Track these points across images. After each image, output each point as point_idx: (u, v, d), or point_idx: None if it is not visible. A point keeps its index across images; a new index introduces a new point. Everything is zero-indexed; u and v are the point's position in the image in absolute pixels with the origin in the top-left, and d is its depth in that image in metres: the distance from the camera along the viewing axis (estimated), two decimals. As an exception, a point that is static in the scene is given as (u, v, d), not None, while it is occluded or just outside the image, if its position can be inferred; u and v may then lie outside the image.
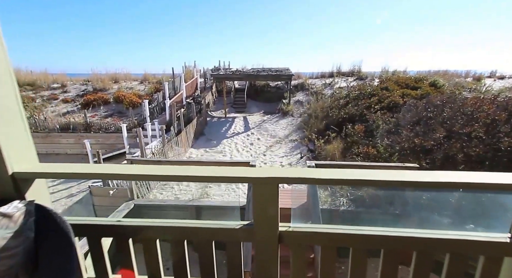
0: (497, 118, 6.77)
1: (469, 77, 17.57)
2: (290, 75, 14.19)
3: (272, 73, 14.67)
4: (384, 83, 13.41)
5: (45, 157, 12.39)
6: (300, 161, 9.49)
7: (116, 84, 18.28)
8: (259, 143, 11.43)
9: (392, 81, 13.24)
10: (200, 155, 10.41)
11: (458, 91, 12.37)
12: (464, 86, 14.42)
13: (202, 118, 13.46)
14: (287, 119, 13.53)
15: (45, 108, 15.44)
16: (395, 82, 13.14)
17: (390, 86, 12.48)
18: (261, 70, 15.68)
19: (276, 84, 17.72)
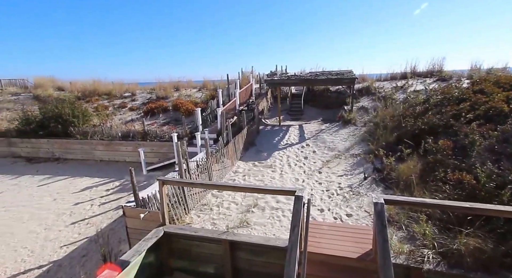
0: None
1: None
2: (352, 78, 12.18)
3: (332, 76, 12.83)
4: (477, 84, 10.40)
5: (106, 164, 13.03)
6: (363, 183, 7.63)
7: (177, 92, 18.70)
8: (314, 157, 9.84)
9: (490, 82, 10.16)
10: (248, 169, 9.35)
11: None
12: None
13: (254, 127, 12.47)
14: (348, 129, 11.57)
15: (115, 116, 16.49)
16: (494, 82, 10.05)
17: (487, 88, 9.55)
18: (320, 74, 13.96)
19: (337, 88, 15.75)
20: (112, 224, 7.77)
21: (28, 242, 7.30)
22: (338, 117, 12.59)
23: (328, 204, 6.78)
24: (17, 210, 9.08)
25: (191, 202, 6.79)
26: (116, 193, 9.86)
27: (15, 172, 12.65)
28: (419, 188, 6.22)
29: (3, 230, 7.96)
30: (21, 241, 7.34)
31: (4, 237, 7.58)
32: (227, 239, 4.04)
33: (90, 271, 5.95)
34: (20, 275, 6.15)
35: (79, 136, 13.63)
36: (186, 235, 4.17)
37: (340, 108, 13.41)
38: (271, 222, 6.10)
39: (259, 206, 6.75)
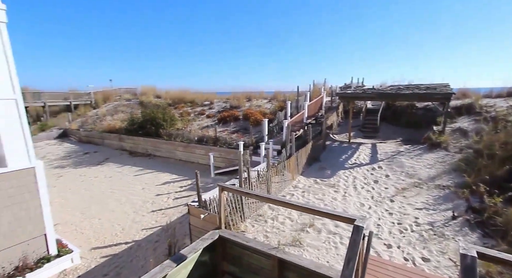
0: None
1: None
2: (447, 93, 10.00)
3: (420, 91, 10.85)
4: None
5: (183, 164, 14.21)
6: (451, 224, 5.93)
7: (249, 102, 19.09)
8: (386, 182, 8.33)
9: None
10: (308, 185, 8.51)
11: None
12: None
13: (320, 142, 11.52)
14: (436, 154, 9.50)
15: (194, 121, 17.81)
16: None
17: None
18: (404, 88, 12.05)
19: (425, 105, 13.38)
20: (181, 218, 8.22)
21: (122, 220, 8.46)
22: (423, 138, 10.50)
23: (399, 240, 5.54)
24: (118, 193, 10.57)
25: (247, 211, 6.65)
26: (187, 190, 10.42)
27: (121, 162, 14.92)
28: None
29: (108, 207, 9.38)
30: (117, 219, 8.54)
31: (108, 213, 8.96)
32: (276, 256, 3.83)
33: (159, 255, 6.53)
34: (113, 246, 7.13)
35: (166, 137, 15.33)
36: (238, 242, 4.14)
37: (427, 128, 11.22)
38: (326, 247, 5.40)
39: (315, 227, 6.13)
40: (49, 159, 15.79)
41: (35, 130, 21.43)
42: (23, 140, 5.76)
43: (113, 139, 18.14)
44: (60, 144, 19.89)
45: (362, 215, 6.42)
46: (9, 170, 5.54)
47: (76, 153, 17.16)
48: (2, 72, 5.29)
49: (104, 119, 21.80)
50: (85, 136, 20.33)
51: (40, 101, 24.02)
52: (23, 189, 5.77)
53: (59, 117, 24.19)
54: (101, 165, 14.52)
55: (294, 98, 15.89)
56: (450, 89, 10.60)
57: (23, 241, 5.82)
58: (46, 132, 21.71)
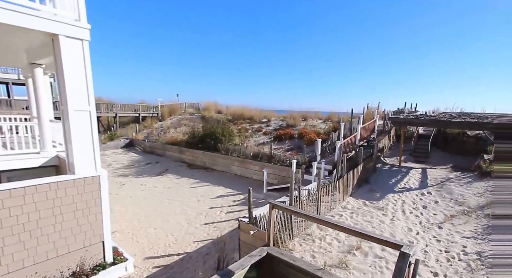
0: None
1: None
2: (499, 123, 9.99)
3: (472, 119, 10.90)
4: None
5: (238, 178, 14.76)
6: (497, 255, 6.33)
7: (304, 121, 20.09)
8: (435, 208, 8.75)
9: None
10: (357, 207, 9.33)
11: None
12: None
13: (371, 164, 12.16)
14: (486, 183, 9.52)
15: (252, 138, 19.36)
16: None
17: None
18: (456, 116, 12.09)
19: (477, 133, 13.04)
20: (231, 232, 8.32)
21: (175, 231, 8.63)
22: (474, 166, 10.52)
23: (446, 269, 5.74)
24: (175, 203, 10.83)
25: (296, 229, 6.84)
26: (240, 205, 10.72)
27: (179, 173, 15.43)
28: None
29: (164, 218, 9.66)
30: (171, 229, 8.76)
31: (163, 223, 9.27)
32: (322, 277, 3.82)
33: (208, 269, 6.58)
34: (165, 257, 7.34)
35: (223, 151, 15.81)
36: (285, 261, 4.11)
37: (477, 156, 11.10)
38: (372, 271, 5.55)
39: (362, 250, 6.29)
40: (114, 167, 16.30)
41: (105, 139, 22.37)
42: (92, 149, 5.81)
43: (174, 151, 18.69)
44: (125, 153, 20.57)
45: (409, 242, 6.92)
46: (76, 177, 5.59)
47: (139, 162, 17.63)
48: (81, 86, 5.52)
49: (168, 131, 22.50)
50: (149, 146, 20.91)
51: (112, 112, 25.25)
52: (87, 196, 5.78)
53: (127, 127, 25.29)
54: (161, 175, 14.92)
55: (348, 119, 16.43)
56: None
57: (82, 247, 5.82)
58: (115, 141, 22.58)
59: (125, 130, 24.92)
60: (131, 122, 27.25)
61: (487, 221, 7.71)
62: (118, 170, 15.96)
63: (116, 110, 25.78)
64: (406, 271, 2.84)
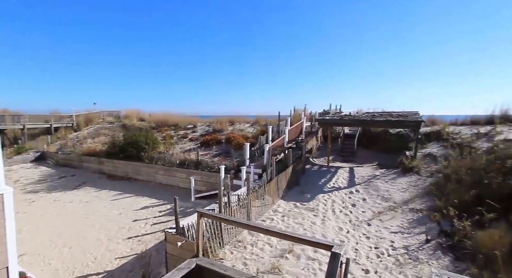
0: None
1: None
2: (417, 121, 10.63)
3: (393, 118, 11.46)
4: None
5: (163, 188, 13.75)
6: (425, 247, 6.03)
7: (232, 126, 19.27)
8: (364, 206, 8.46)
9: None
10: (288, 210, 8.46)
11: None
12: None
13: (300, 165, 11.67)
14: (409, 178, 9.85)
15: (177, 144, 17.61)
16: None
17: None
18: (378, 115, 12.69)
19: (398, 131, 14.08)
20: (158, 245, 7.81)
21: (94, 248, 8.01)
22: (397, 163, 10.94)
23: (376, 265, 5.52)
24: (93, 218, 10.04)
25: (227, 237, 6.46)
26: (166, 215, 10.02)
27: (99, 185, 14.40)
28: (507, 269, 4.54)
29: (81, 234, 8.91)
30: (89, 247, 8.07)
31: (80, 241, 8.48)
32: None
33: None
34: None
35: (147, 160, 14.99)
36: (216, 271, 3.95)
37: (400, 153, 11.71)
38: (305, 274, 5.24)
39: (295, 253, 5.98)
40: (22, 184, 15.11)
41: (10, 153, 21.18)
42: (-7, 164, 5.36)
43: (93, 162, 17.74)
44: (35, 167, 19.26)
45: (340, 241, 6.49)
46: (-27, 196, 5.04)
47: (52, 177, 16.53)
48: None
49: (84, 142, 21.41)
50: (62, 159, 19.76)
51: (19, 123, 23.61)
52: (-13, 217, 5.27)
53: (38, 139, 23.62)
54: (77, 189, 13.97)
55: (276, 122, 16.23)
56: (420, 116, 11.29)
57: (-20, 276, 5.17)
58: (22, 155, 21.18)
59: (36, 143, 23.00)
60: (42, 133, 25.23)
61: (412, 215, 7.66)
62: (27, 186, 14.70)
63: (24, 122, 23.92)
64: (338, 271, 2.83)
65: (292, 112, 17.79)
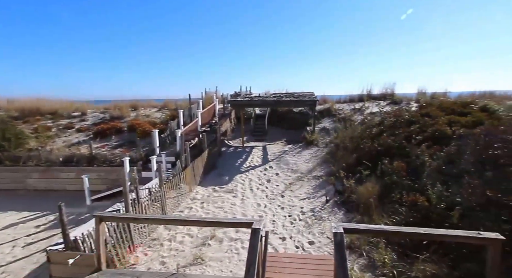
0: None
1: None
2: (314, 100, 12.60)
3: (295, 98, 13.16)
4: (424, 108, 11.30)
5: (41, 194, 11.44)
6: (325, 207, 7.59)
7: (135, 111, 17.80)
8: (277, 180, 9.71)
9: (434, 106, 11.09)
10: (207, 195, 8.88)
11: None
12: (522, 110, 11.78)
13: (216, 149, 12.12)
14: (311, 150, 11.74)
15: (58, 138, 15.01)
16: (438, 106, 10.99)
17: (432, 112, 10.36)
18: (283, 96, 14.27)
19: (300, 109, 16.19)
20: (37, 270, 6.37)
21: None
22: (301, 138, 12.79)
23: (290, 231, 6.54)
24: None
25: (138, 238, 6.05)
26: (48, 229, 8.51)
27: None
28: (377, 211, 6.30)
29: None
30: None
31: None
32: None
33: None
34: None
35: (8, 162, 12.06)
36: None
37: (303, 129, 13.69)
38: (229, 256, 5.55)
39: (217, 238, 6.21)
40: None
41: None
42: None
43: None
44: None
45: (259, 217, 7.30)
46: None
47: None
48: None
49: None
50: None
51: None
52: None
53: None
54: None
55: (187, 106, 15.96)
56: (315, 96, 13.37)
57: None
58: None
59: None
60: None
61: (315, 182, 9.29)
62: None
63: None
64: (259, 245, 3.02)
65: (204, 94, 17.79)
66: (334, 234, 3.40)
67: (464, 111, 10.42)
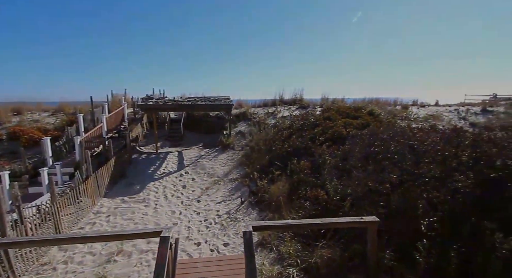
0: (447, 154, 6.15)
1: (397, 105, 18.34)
2: (229, 104, 12.84)
3: (210, 102, 13.14)
4: (326, 112, 12.87)
5: None
6: (240, 208, 7.79)
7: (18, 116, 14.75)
8: (193, 185, 9.49)
9: (334, 110, 12.77)
10: (114, 207, 8.00)
11: (394, 120, 12.34)
12: (396, 114, 14.73)
13: (126, 156, 11.07)
14: (227, 153, 11.90)
15: None
16: (336, 111, 12.68)
17: (332, 116, 11.90)
18: (198, 100, 14.05)
19: (217, 113, 16.26)
20: None
21: None
22: (217, 142, 12.84)
23: (206, 235, 6.48)
24: None
25: (21, 266, 5.10)
26: None
27: None
28: (286, 207, 6.80)
29: None
30: None
31: None
32: None
33: None
34: None
35: None
36: None
37: (220, 133, 13.78)
38: (138, 270, 5.17)
39: (125, 252, 5.74)
40: None
41: None
42: None
43: None
44: None
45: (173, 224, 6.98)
46: None
47: None
48: None
49: None
50: None
51: None
52: None
53: None
54: None
55: (89, 110, 14.10)
56: (230, 101, 13.65)
57: None
58: None
59: None
60: None
61: (231, 184, 9.45)
62: None
63: None
64: (169, 252, 3.02)
65: (110, 97, 16.03)
66: (243, 233, 3.55)
67: (356, 115, 12.33)
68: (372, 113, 13.26)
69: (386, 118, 12.68)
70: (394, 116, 13.75)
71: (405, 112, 15.50)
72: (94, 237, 3.70)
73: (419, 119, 14.38)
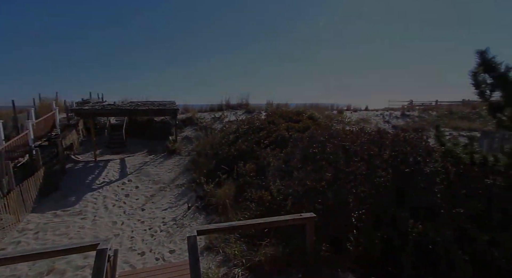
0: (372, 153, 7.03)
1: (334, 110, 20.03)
2: (174, 109, 12.55)
3: (154, 107, 12.66)
4: (270, 116, 13.45)
5: None
6: (187, 214, 7.71)
7: None
8: (137, 193, 9.05)
9: (278, 115, 13.42)
10: (44, 223, 7.20)
11: (330, 123, 13.49)
12: (333, 118, 16.10)
13: (58, 166, 10.03)
14: (173, 159, 11.61)
15: None
16: (280, 115, 13.34)
17: (276, 120, 12.48)
18: (141, 104, 13.41)
19: (162, 119, 15.71)
20: None
21: None
22: (164, 148, 12.43)
23: (150, 244, 6.28)
24: None
25: None
26: None
27: None
28: (232, 210, 6.98)
29: None
30: None
31: None
32: None
33: None
34: None
35: None
36: None
37: (165, 138, 13.35)
38: None
39: (58, 270, 5.28)
40: None
41: None
42: None
43: None
44: None
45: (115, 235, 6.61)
46: None
47: None
48: None
49: None
50: None
51: None
52: None
53: None
54: None
55: (11, 115, 12.36)
56: (176, 105, 13.35)
57: None
58: None
59: None
60: None
61: (177, 190, 9.26)
62: None
63: None
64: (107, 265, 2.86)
65: (37, 101, 14.26)
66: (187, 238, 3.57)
67: (297, 119, 13.14)
68: (312, 117, 14.28)
69: (324, 122, 13.79)
70: (331, 120, 14.99)
71: (341, 116, 17.01)
72: (17, 257, 3.30)
73: (352, 122, 15.94)
